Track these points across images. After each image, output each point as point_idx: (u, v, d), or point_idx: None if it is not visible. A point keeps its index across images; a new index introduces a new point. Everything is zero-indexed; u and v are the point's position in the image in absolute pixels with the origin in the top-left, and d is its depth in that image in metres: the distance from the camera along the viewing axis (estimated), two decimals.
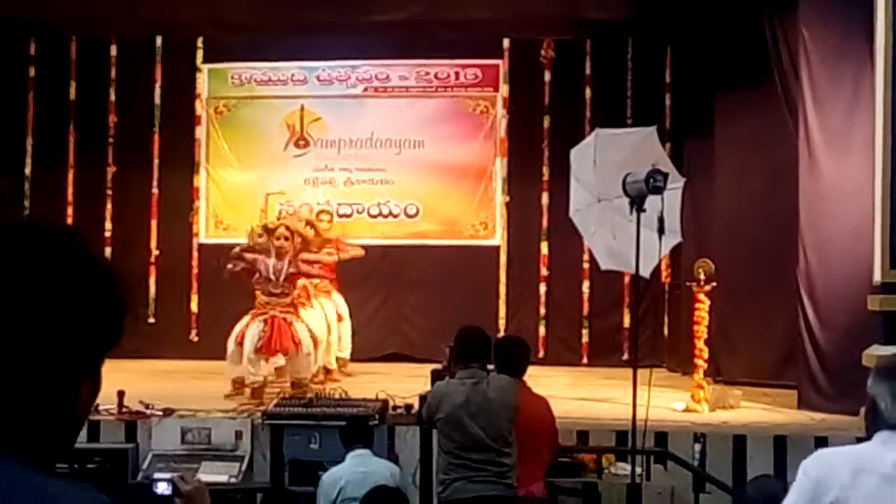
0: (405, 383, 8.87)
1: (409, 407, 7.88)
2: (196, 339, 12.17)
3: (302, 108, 12.48)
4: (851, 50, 8.72)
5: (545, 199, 12.17)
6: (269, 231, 9.38)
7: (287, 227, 9.42)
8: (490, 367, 5.71)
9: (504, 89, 12.38)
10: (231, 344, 9.12)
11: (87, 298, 1.28)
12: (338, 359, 10.36)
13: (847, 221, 8.66)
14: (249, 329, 9.07)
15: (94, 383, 1.33)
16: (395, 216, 12.36)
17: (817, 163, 8.85)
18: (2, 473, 1.23)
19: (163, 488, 2.13)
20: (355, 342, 10.79)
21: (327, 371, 10.16)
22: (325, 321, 9.99)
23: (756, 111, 10.09)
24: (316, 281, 10.11)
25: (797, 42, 9.04)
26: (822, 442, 7.38)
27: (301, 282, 9.66)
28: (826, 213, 8.82)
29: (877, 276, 8.11)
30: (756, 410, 8.71)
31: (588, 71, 12.22)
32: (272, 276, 9.17)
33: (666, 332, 11.74)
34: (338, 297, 10.48)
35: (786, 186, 9.23)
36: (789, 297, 9.14)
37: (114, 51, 12.54)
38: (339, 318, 10.40)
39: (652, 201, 6.87)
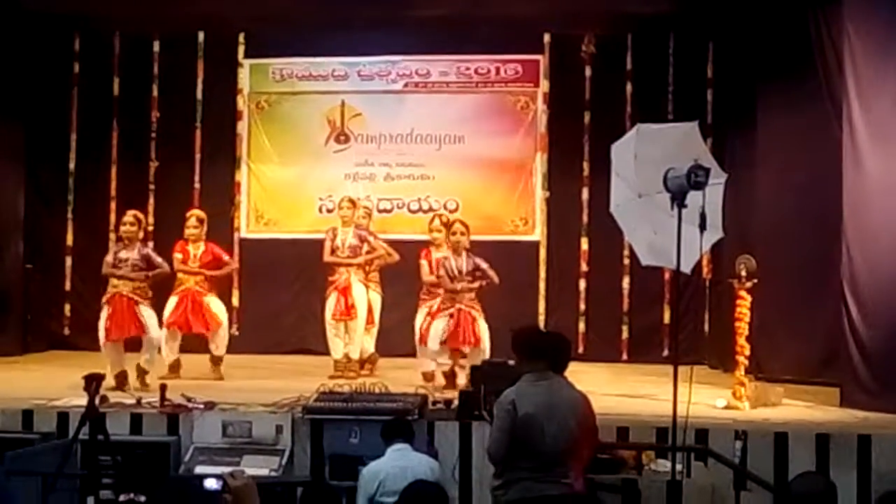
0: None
1: (448, 402, 7.89)
2: (237, 333, 12.22)
3: (343, 104, 12.51)
4: None
5: (585, 194, 12.13)
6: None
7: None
8: None
9: (544, 84, 12.35)
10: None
11: None
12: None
13: (892, 218, 8.55)
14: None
15: None
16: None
17: (861, 158, 8.75)
18: None
19: (212, 484, 2.15)
20: (395, 336, 10.81)
21: (362, 364, 10.23)
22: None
23: (799, 106, 9.98)
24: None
25: (841, 36, 8.94)
26: (865, 440, 7.32)
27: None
28: (870, 209, 8.71)
29: None
30: (798, 408, 8.63)
31: (629, 66, 12.15)
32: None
33: (707, 328, 11.67)
34: (375, 297, 10.50)
35: (829, 182, 9.12)
36: (832, 293, 9.05)
37: (156, 47, 12.64)
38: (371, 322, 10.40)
39: (693, 197, 6.81)
